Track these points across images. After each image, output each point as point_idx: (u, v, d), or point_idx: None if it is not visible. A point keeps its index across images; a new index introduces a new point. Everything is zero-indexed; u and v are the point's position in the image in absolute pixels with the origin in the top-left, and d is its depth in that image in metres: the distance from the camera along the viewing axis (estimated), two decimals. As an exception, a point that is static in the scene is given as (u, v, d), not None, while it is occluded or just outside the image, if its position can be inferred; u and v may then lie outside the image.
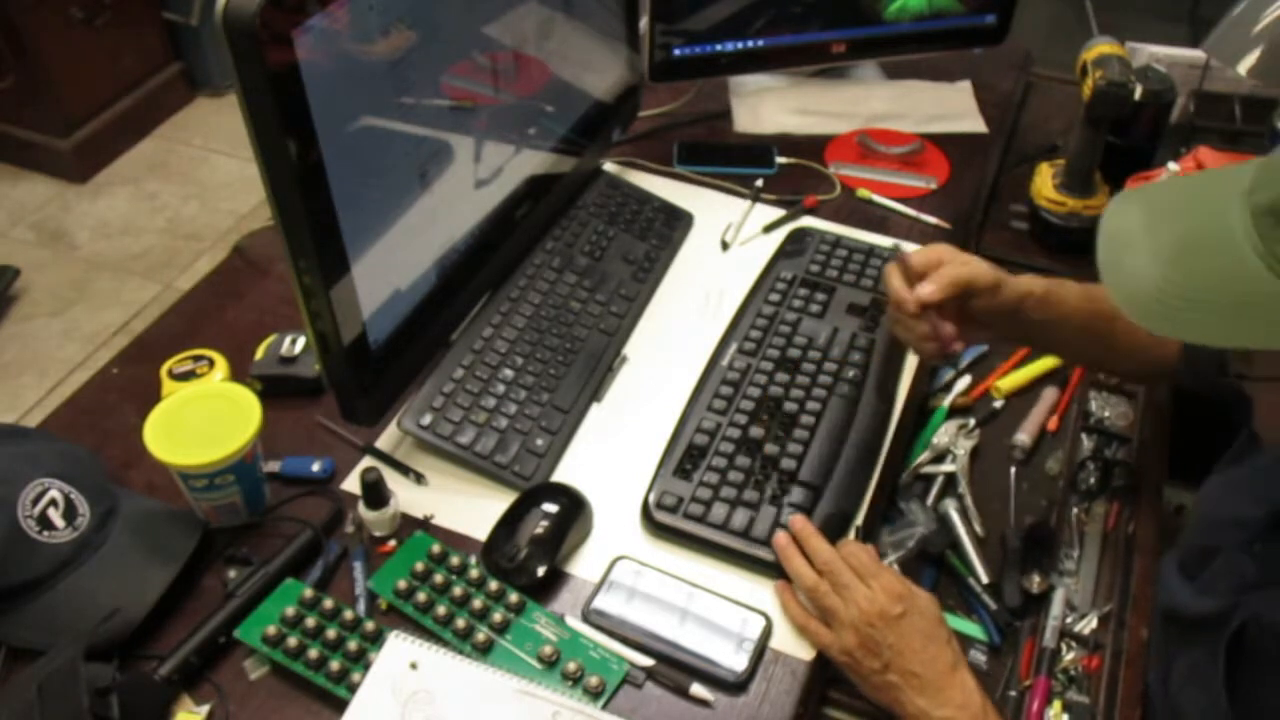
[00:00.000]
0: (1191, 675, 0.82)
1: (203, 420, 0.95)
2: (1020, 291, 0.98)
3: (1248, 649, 0.77)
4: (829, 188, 1.41)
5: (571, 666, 0.88)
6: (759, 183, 1.40)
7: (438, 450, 1.04)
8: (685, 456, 1.03)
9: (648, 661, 0.90)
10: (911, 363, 1.16)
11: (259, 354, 1.14)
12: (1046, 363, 1.23)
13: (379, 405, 1.01)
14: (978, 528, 1.07)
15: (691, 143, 1.49)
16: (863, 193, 1.40)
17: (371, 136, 0.90)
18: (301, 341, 1.13)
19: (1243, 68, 1.29)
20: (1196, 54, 1.44)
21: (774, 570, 0.96)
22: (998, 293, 0.96)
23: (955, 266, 0.95)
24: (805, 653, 0.92)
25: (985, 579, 1.03)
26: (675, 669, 0.90)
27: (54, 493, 0.92)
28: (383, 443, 1.07)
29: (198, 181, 2.89)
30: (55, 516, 0.91)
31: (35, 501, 0.90)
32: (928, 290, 0.94)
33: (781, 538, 0.95)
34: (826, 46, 1.51)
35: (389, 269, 0.98)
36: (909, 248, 1.05)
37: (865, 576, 0.88)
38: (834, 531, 0.98)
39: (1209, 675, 0.79)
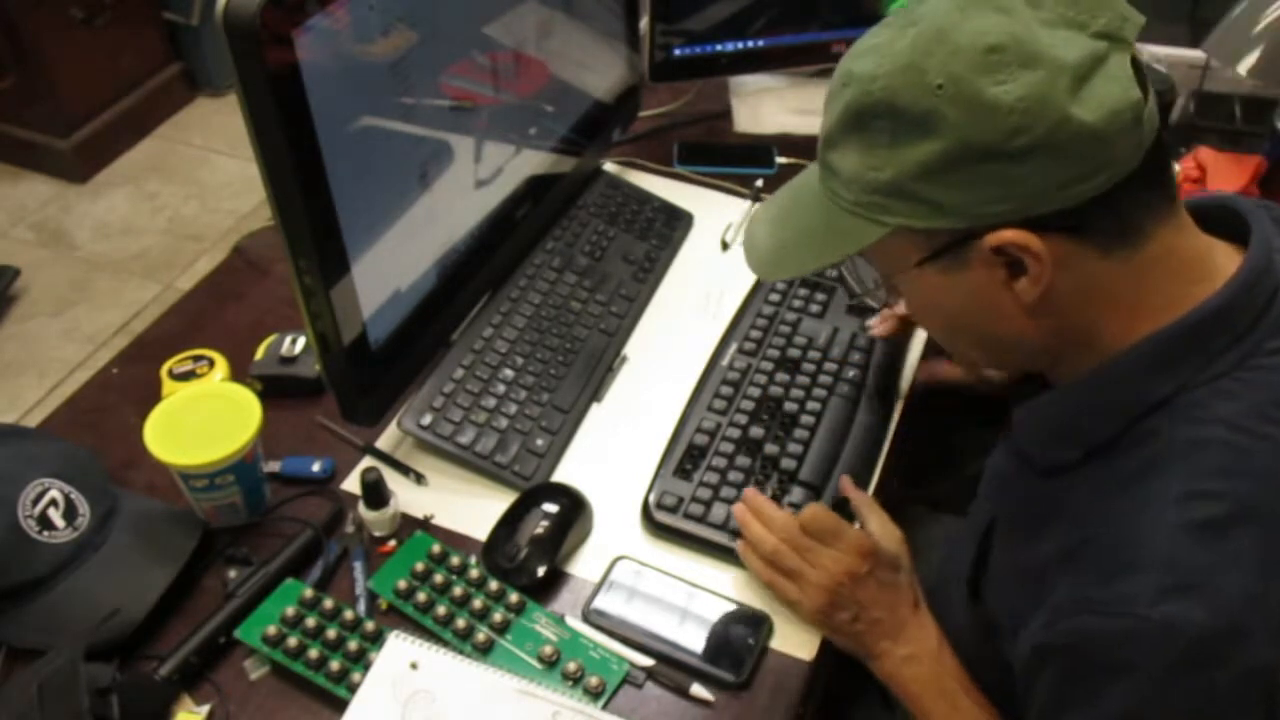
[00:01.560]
0: (955, 579, 0.86)
1: (203, 420, 0.95)
2: None
3: (989, 542, 0.82)
4: (829, 188, 1.41)
5: (571, 666, 0.88)
6: (759, 183, 1.40)
7: (438, 450, 1.04)
8: (685, 456, 1.03)
9: (648, 661, 0.90)
10: (911, 363, 1.17)
11: (259, 354, 1.13)
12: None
13: (379, 405, 1.01)
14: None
15: (691, 143, 1.49)
16: (863, 193, 1.40)
17: (371, 136, 0.90)
18: (301, 341, 1.13)
19: (1243, 68, 1.29)
20: (1196, 54, 1.44)
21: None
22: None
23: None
24: (805, 653, 0.92)
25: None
26: (675, 669, 0.90)
27: (54, 493, 0.92)
28: (383, 443, 1.07)
29: (198, 181, 2.88)
30: (55, 516, 0.91)
31: (35, 501, 0.90)
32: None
33: (738, 508, 0.96)
34: (826, 46, 1.51)
35: (389, 269, 0.98)
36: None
37: (829, 539, 0.90)
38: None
39: (962, 573, 0.84)
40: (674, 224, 1.34)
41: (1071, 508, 0.72)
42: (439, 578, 0.94)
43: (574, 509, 0.98)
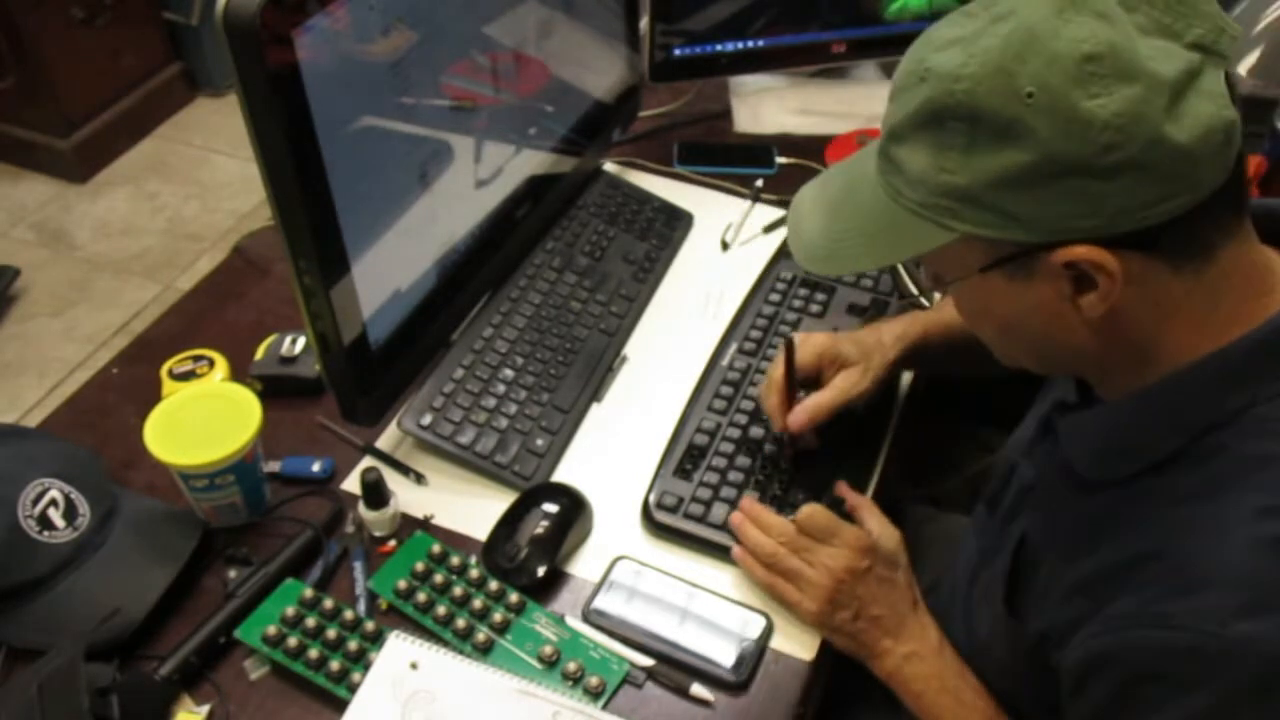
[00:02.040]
0: (986, 591, 0.85)
1: (203, 420, 0.95)
2: (892, 359, 1.03)
3: (1026, 556, 0.81)
4: (829, 188, 1.41)
5: (572, 666, 0.88)
6: (759, 183, 1.40)
7: (438, 450, 1.04)
8: (685, 456, 1.03)
9: (648, 661, 0.90)
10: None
11: (259, 354, 1.13)
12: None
13: (379, 405, 1.01)
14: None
15: (691, 143, 1.49)
16: (863, 193, 1.40)
17: (371, 136, 0.90)
18: (301, 341, 1.13)
19: (1243, 68, 1.30)
20: (1196, 54, 1.44)
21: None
22: (875, 386, 1.02)
23: (828, 394, 1.00)
24: (805, 653, 0.92)
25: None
26: (675, 669, 0.90)
27: (54, 493, 0.92)
28: (383, 443, 1.07)
29: (198, 181, 2.88)
30: (55, 516, 0.91)
31: (35, 501, 0.90)
32: (795, 422, 0.99)
33: (735, 516, 0.96)
34: (826, 46, 1.51)
35: (389, 269, 0.98)
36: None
37: (827, 537, 0.91)
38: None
39: (996, 587, 0.83)
40: (674, 224, 1.34)
41: (1130, 521, 0.70)
42: (439, 578, 0.94)
43: (574, 509, 0.98)
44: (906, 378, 1.15)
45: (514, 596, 0.93)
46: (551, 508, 0.97)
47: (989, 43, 0.62)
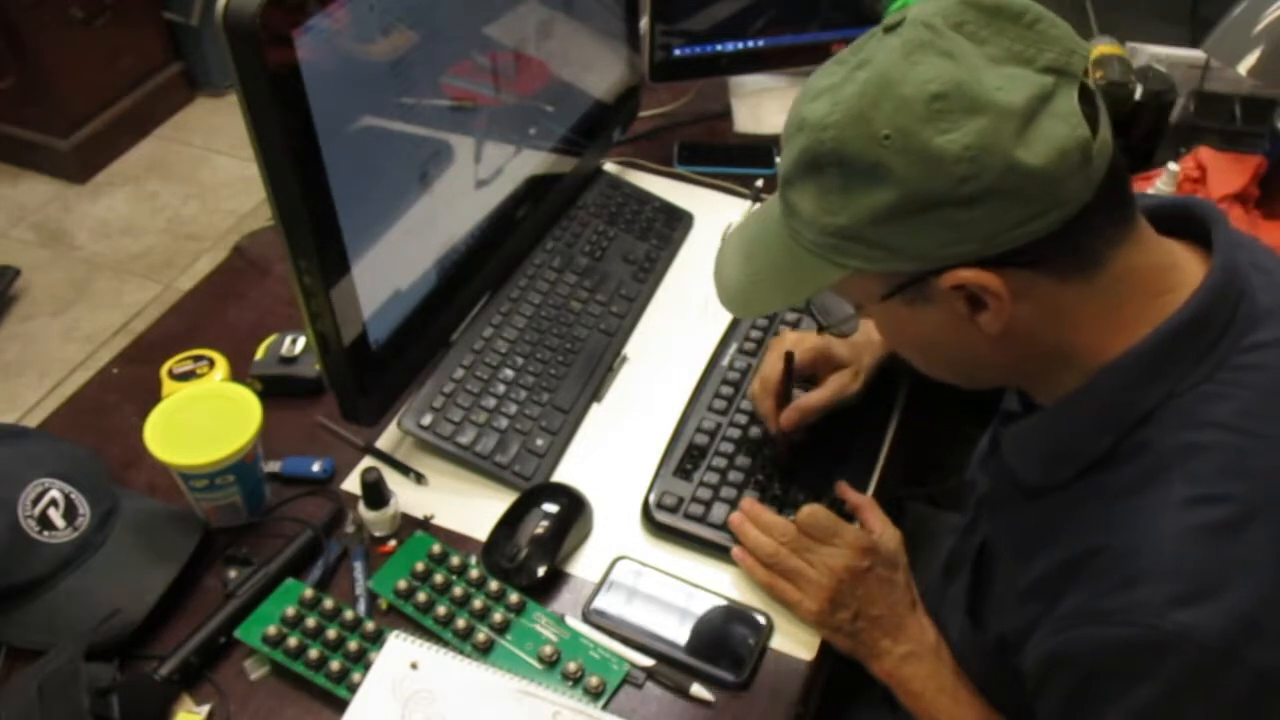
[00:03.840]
0: (954, 602, 0.87)
1: (203, 420, 0.95)
2: (881, 357, 1.06)
3: (985, 565, 0.83)
4: (829, 188, 1.41)
5: (572, 666, 0.89)
6: (759, 183, 1.40)
7: (438, 450, 1.04)
8: (685, 456, 1.03)
9: (648, 661, 0.90)
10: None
11: (259, 354, 1.14)
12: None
13: (379, 405, 1.01)
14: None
15: (691, 143, 1.49)
16: (863, 193, 1.40)
17: (371, 136, 0.90)
18: (301, 341, 1.13)
19: (1243, 68, 1.29)
20: (1196, 54, 1.44)
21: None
22: (866, 385, 1.05)
23: (819, 395, 1.04)
24: (805, 653, 0.92)
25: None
26: (675, 669, 0.90)
27: (54, 493, 0.92)
28: (383, 443, 1.07)
29: (198, 181, 2.88)
30: (56, 516, 0.91)
31: (36, 501, 0.90)
32: (788, 421, 1.02)
33: (735, 517, 0.97)
34: (826, 46, 1.50)
35: (389, 269, 0.98)
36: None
37: (827, 537, 0.92)
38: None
39: (960, 598, 0.85)
40: (674, 224, 1.34)
41: (1070, 524, 0.72)
42: (439, 578, 0.94)
43: (574, 509, 0.98)
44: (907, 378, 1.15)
45: (514, 596, 0.93)
46: (551, 508, 0.97)
47: (850, 90, 0.65)
